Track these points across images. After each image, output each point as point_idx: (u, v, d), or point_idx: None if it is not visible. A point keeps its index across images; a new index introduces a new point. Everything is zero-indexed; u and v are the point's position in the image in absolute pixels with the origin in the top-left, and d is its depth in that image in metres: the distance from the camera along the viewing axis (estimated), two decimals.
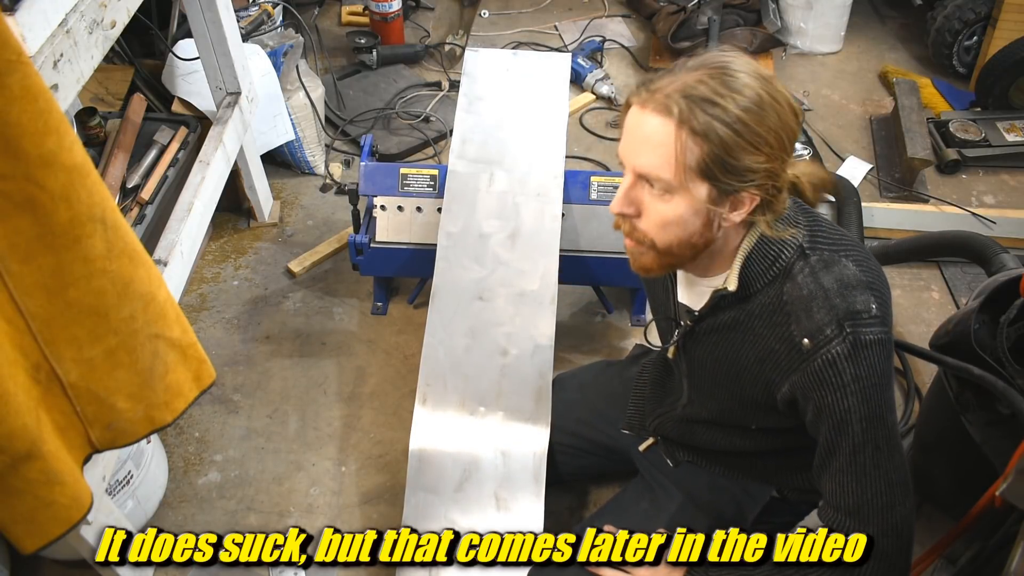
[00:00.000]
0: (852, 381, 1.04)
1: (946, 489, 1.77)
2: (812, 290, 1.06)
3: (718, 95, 0.98)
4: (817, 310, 1.05)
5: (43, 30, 1.22)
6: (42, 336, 1.11)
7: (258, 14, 2.61)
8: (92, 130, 2.11)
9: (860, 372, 1.04)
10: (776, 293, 1.10)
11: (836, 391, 1.05)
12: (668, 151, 1.01)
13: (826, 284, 1.06)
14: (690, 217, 1.05)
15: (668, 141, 1.00)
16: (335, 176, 2.75)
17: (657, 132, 1.01)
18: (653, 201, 1.06)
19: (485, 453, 1.64)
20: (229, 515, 1.83)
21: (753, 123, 0.99)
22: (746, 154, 0.99)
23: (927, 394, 2.00)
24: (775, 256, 1.09)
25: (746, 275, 1.11)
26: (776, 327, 1.10)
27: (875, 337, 1.04)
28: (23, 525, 1.18)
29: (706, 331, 1.21)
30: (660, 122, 1.01)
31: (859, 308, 1.04)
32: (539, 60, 2.16)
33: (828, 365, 1.04)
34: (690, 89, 0.99)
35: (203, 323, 2.26)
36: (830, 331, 1.04)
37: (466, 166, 1.94)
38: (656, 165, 1.02)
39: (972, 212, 2.44)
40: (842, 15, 3.29)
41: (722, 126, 0.98)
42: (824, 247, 1.09)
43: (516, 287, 1.79)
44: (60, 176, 1.02)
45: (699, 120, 0.98)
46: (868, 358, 1.04)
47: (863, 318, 1.04)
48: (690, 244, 1.08)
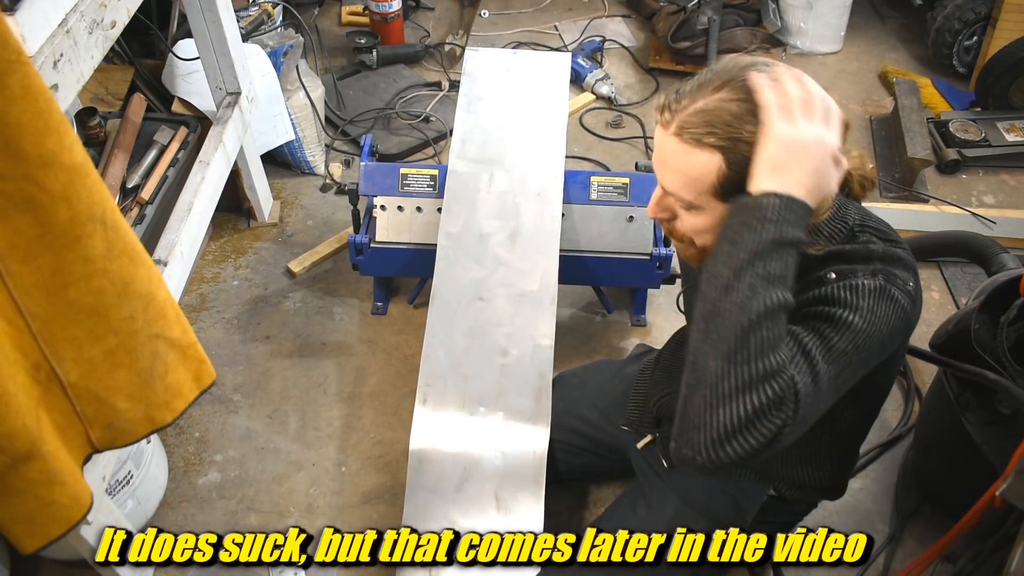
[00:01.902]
0: (869, 311, 0.98)
1: (946, 489, 1.78)
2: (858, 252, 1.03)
3: (736, 117, 0.95)
4: (857, 262, 1.02)
5: (43, 30, 1.22)
6: (42, 336, 1.11)
7: (258, 14, 2.62)
8: (92, 130, 2.11)
9: (877, 308, 0.98)
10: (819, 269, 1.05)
11: (847, 307, 0.98)
12: (687, 176, 1.00)
13: (875, 249, 1.03)
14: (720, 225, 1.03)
15: (684, 167, 1.00)
16: (335, 176, 2.75)
17: (675, 156, 1.00)
18: (682, 211, 1.07)
19: (485, 453, 1.64)
20: (229, 515, 1.83)
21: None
22: None
23: (927, 394, 2.00)
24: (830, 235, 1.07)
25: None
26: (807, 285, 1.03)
27: (901, 297, 1.00)
28: (23, 525, 1.18)
29: None
30: (678, 147, 0.99)
31: (898, 274, 1.01)
32: (539, 60, 2.16)
33: (850, 288, 0.99)
34: (708, 112, 0.97)
35: (203, 323, 2.26)
36: (863, 271, 1.00)
37: (466, 166, 1.94)
38: (676, 187, 1.03)
39: (972, 212, 2.44)
40: (842, 15, 3.29)
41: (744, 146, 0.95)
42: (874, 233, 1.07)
43: (516, 287, 1.79)
44: (60, 176, 1.02)
45: (715, 145, 0.96)
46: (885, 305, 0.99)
47: (897, 281, 1.01)
48: None
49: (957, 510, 1.42)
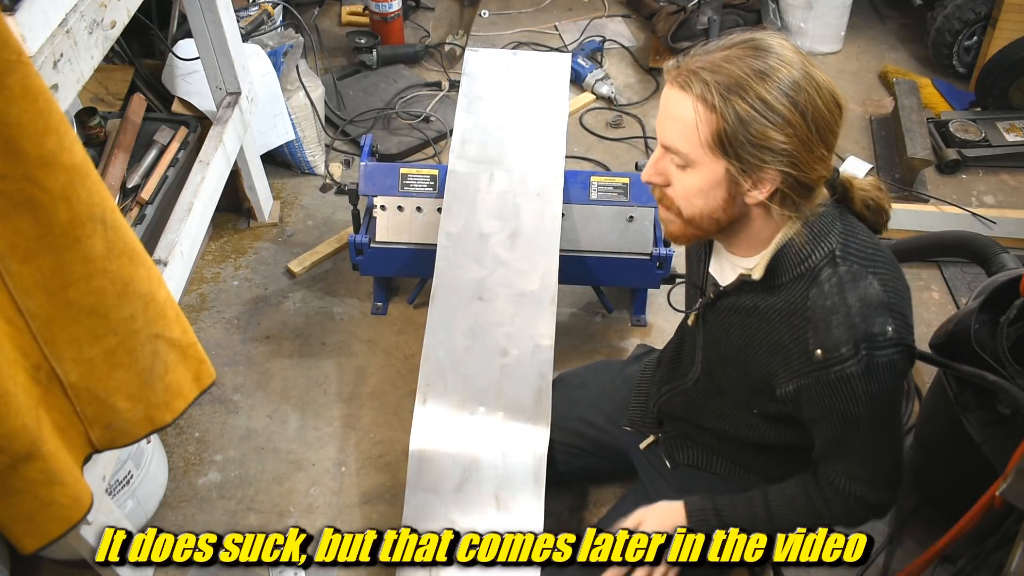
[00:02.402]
0: (864, 395, 1.08)
1: (946, 489, 1.77)
2: (835, 303, 1.08)
3: (743, 72, 0.99)
4: (836, 325, 1.07)
5: (43, 30, 1.22)
6: (42, 336, 1.11)
7: (258, 14, 2.62)
8: (92, 130, 2.11)
9: (872, 389, 1.08)
10: (801, 295, 1.11)
11: (847, 401, 1.09)
12: (685, 125, 1.03)
13: (850, 300, 1.07)
14: (711, 190, 1.07)
15: (686, 116, 1.03)
16: (335, 176, 2.75)
17: (678, 106, 1.04)
18: (677, 173, 1.09)
19: (485, 453, 1.64)
20: (229, 515, 1.83)
21: (776, 102, 0.98)
22: (765, 131, 0.99)
23: (927, 394, 2.00)
24: (805, 256, 1.10)
25: (774, 266, 1.12)
26: (793, 328, 1.11)
27: (888, 359, 1.07)
28: (23, 525, 1.18)
29: (726, 308, 1.22)
30: (680, 97, 1.03)
31: (876, 331, 1.06)
32: (539, 60, 2.16)
33: (842, 381, 1.08)
34: (715, 66, 1.00)
35: (203, 323, 2.26)
36: (846, 350, 1.06)
37: (466, 166, 1.94)
38: (675, 138, 1.05)
39: (972, 212, 2.43)
40: (842, 15, 3.29)
41: (741, 101, 0.98)
42: (855, 259, 1.10)
43: (516, 287, 1.79)
44: (60, 176, 1.02)
45: (717, 95, 0.99)
46: (880, 378, 1.08)
47: (879, 341, 1.06)
48: (713, 218, 1.10)
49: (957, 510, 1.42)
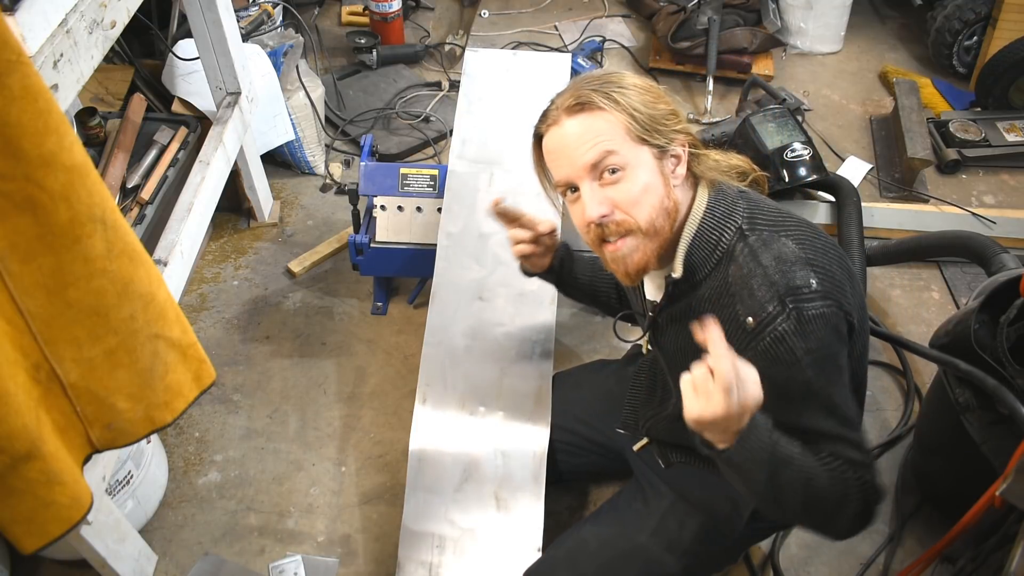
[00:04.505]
0: (804, 355, 1.06)
1: (946, 489, 1.78)
2: (751, 268, 1.09)
3: (604, 79, 1.13)
4: (758, 287, 1.07)
5: (43, 30, 1.22)
6: (42, 336, 1.11)
7: (258, 14, 2.62)
8: (92, 130, 2.11)
9: (810, 345, 1.06)
10: (722, 276, 1.12)
11: (791, 367, 1.07)
12: (600, 131, 1.10)
13: (764, 262, 1.08)
14: (652, 178, 1.11)
15: (595, 124, 1.10)
16: (335, 176, 2.75)
17: (582, 125, 1.11)
18: (616, 185, 1.11)
19: (485, 453, 1.64)
20: (229, 515, 1.83)
21: (642, 85, 1.13)
22: (657, 106, 1.12)
23: (927, 394, 2.01)
24: (716, 240, 1.13)
25: (690, 261, 1.15)
26: (724, 308, 1.12)
27: (818, 311, 1.05)
28: (23, 525, 1.18)
29: (667, 321, 1.24)
30: (578, 119, 1.11)
31: (799, 283, 1.06)
32: (539, 60, 2.16)
33: (777, 342, 1.06)
34: (582, 85, 1.12)
35: (203, 323, 2.26)
36: (772, 308, 1.06)
37: (466, 166, 1.94)
38: (599, 147, 1.10)
39: (972, 212, 2.44)
40: (842, 15, 3.29)
41: (625, 94, 1.10)
42: (763, 227, 1.12)
43: (516, 287, 1.79)
44: (60, 176, 1.02)
45: (609, 98, 1.10)
46: (815, 331, 1.05)
47: (803, 293, 1.05)
48: (664, 210, 1.12)
49: (957, 510, 1.42)
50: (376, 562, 1.75)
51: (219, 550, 1.77)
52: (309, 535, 1.80)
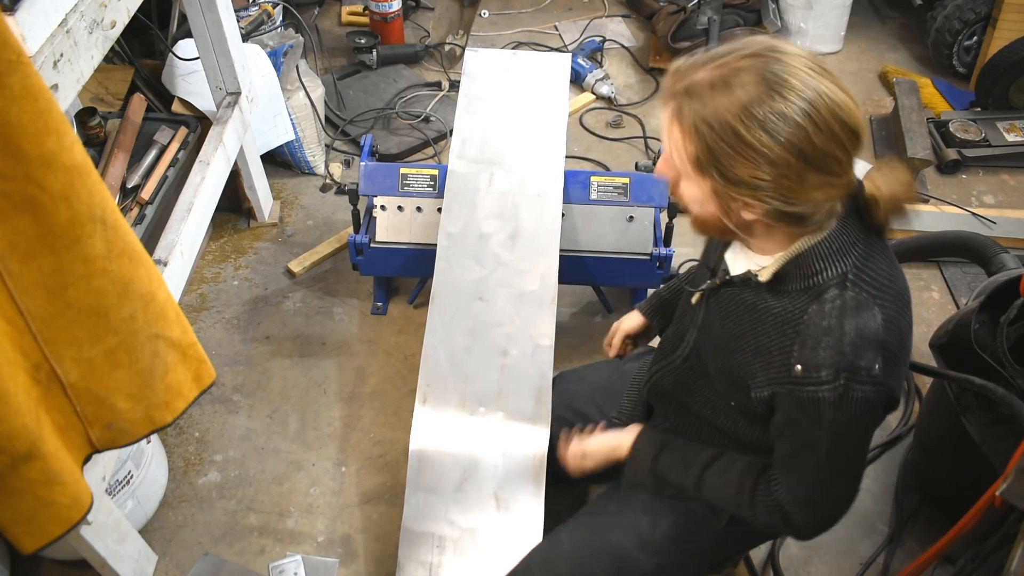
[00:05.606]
0: (830, 422, 1.07)
1: (946, 489, 1.78)
2: (831, 325, 1.05)
3: (728, 105, 0.95)
4: (825, 348, 1.05)
5: (43, 30, 1.22)
6: (42, 336, 1.11)
7: (258, 14, 2.62)
8: (92, 130, 2.11)
9: (839, 417, 1.07)
10: (801, 307, 1.09)
11: (812, 422, 1.09)
12: (671, 140, 1.05)
13: (846, 327, 1.05)
14: (704, 201, 1.07)
15: (669, 135, 1.05)
16: (335, 176, 2.75)
17: (664, 123, 1.06)
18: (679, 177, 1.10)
19: (485, 453, 1.64)
20: (229, 515, 1.83)
21: (755, 140, 0.93)
22: (739, 165, 0.96)
23: (927, 394, 2.00)
24: (816, 272, 1.08)
25: (783, 273, 1.11)
26: (783, 337, 1.10)
27: (863, 395, 1.05)
28: (23, 525, 1.18)
29: (729, 297, 1.21)
30: (666, 115, 1.05)
31: (862, 365, 1.04)
32: (539, 60, 2.16)
33: (812, 402, 1.07)
34: (701, 90, 0.97)
35: (203, 323, 2.26)
36: (825, 374, 1.05)
37: (466, 166, 1.94)
38: (667, 150, 1.08)
39: (972, 212, 2.44)
40: (842, 15, 3.29)
41: (714, 135, 0.96)
42: (865, 287, 1.07)
43: (516, 287, 1.79)
44: (60, 176, 1.01)
45: (692, 126, 0.98)
46: (850, 410, 1.06)
47: (861, 375, 1.05)
48: (716, 224, 1.10)
49: (957, 510, 1.42)
50: (376, 562, 1.75)
51: (219, 550, 1.77)
52: (309, 535, 1.80)
